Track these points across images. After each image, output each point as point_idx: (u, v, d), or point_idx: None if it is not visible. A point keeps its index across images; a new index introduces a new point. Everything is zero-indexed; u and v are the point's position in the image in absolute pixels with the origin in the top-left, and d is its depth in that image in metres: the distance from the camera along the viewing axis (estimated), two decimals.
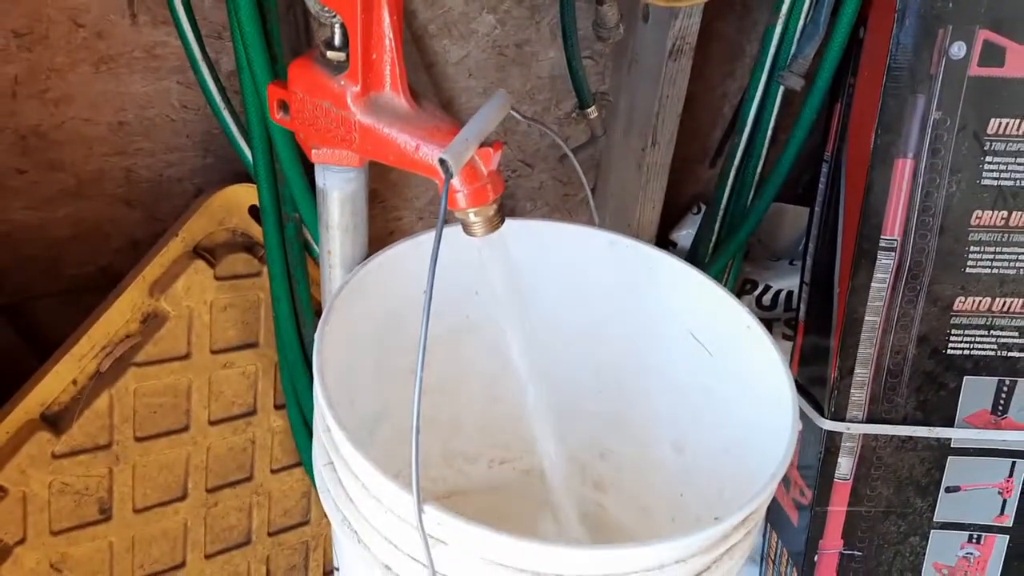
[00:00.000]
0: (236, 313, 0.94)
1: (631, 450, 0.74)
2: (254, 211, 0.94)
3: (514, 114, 0.55)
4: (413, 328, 0.68)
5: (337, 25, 0.52)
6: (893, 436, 1.00)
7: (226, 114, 0.88)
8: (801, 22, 0.92)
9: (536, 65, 1.10)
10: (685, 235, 1.26)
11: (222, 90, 0.88)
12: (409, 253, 0.64)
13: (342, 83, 0.52)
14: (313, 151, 0.56)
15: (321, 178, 0.58)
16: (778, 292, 1.17)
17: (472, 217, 0.54)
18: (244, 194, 0.94)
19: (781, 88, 0.95)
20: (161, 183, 1.00)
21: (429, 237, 0.64)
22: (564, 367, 0.66)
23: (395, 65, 0.52)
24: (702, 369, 0.66)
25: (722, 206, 1.03)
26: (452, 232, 0.64)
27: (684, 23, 0.99)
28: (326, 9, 0.51)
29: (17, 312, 1.03)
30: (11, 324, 1.03)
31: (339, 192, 0.57)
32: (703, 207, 1.27)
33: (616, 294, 0.69)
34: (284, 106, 0.56)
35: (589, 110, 0.97)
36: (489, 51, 1.06)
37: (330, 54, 0.53)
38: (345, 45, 0.53)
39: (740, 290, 1.17)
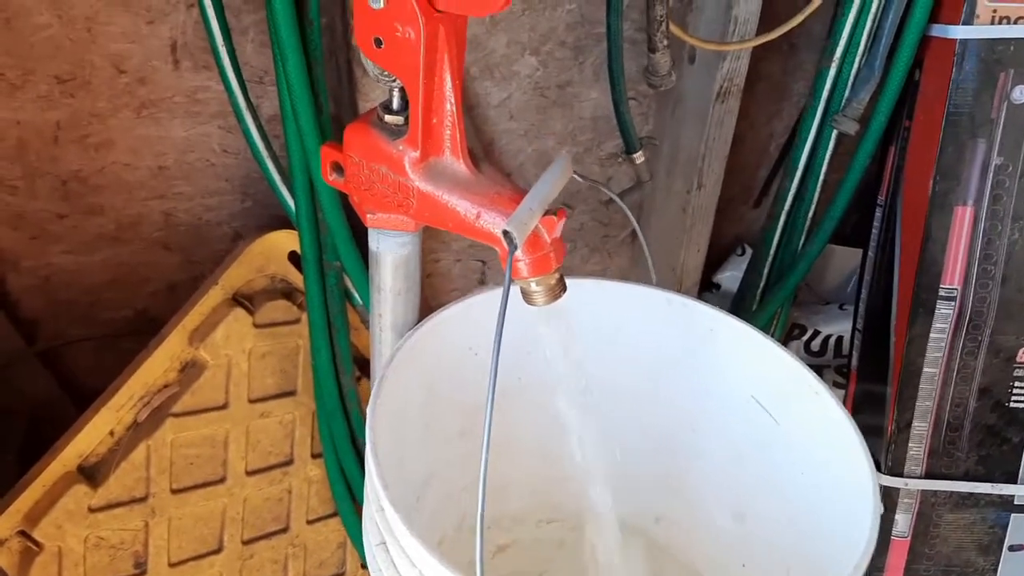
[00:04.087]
0: (274, 361, 0.93)
1: (687, 515, 0.71)
2: (293, 257, 0.93)
3: (576, 177, 0.53)
4: (463, 391, 0.66)
5: (396, 89, 0.50)
6: (953, 492, 0.96)
7: (268, 161, 0.86)
8: (855, 65, 0.89)
9: (578, 106, 1.08)
10: (728, 277, 1.23)
11: (264, 136, 0.87)
12: (460, 316, 0.62)
13: (400, 148, 0.50)
14: (368, 215, 0.54)
15: (375, 242, 0.56)
16: (827, 337, 1.14)
17: (533, 286, 0.52)
18: (284, 240, 0.92)
19: (834, 132, 0.93)
20: (199, 227, 1.00)
21: (480, 300, 0.62)
22: (616, 428, 0.63)
23: (455, 130, 0.50)
24: (764, 435, 0.63)
25: (771, 251, 1.00)
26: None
27: (732, 65, 0.96)
28: (385, 73, 0.49)
29: (54, 357, 1.02)
30: (48, 369, 1.02)
31: (393, 256, 0.55)
32: (747, 248, 1.24)
33: (672, 354, 0.67)
34: (338, 168, 0.54)
35: (636, 155, 0.95)
36: (531, 93, 1.05)
37: (388, 118, 0.51)
38: (403, 108, 0.51)
39: (788, 335, 1.14)
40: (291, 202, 0.87)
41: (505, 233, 0.46)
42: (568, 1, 0.98)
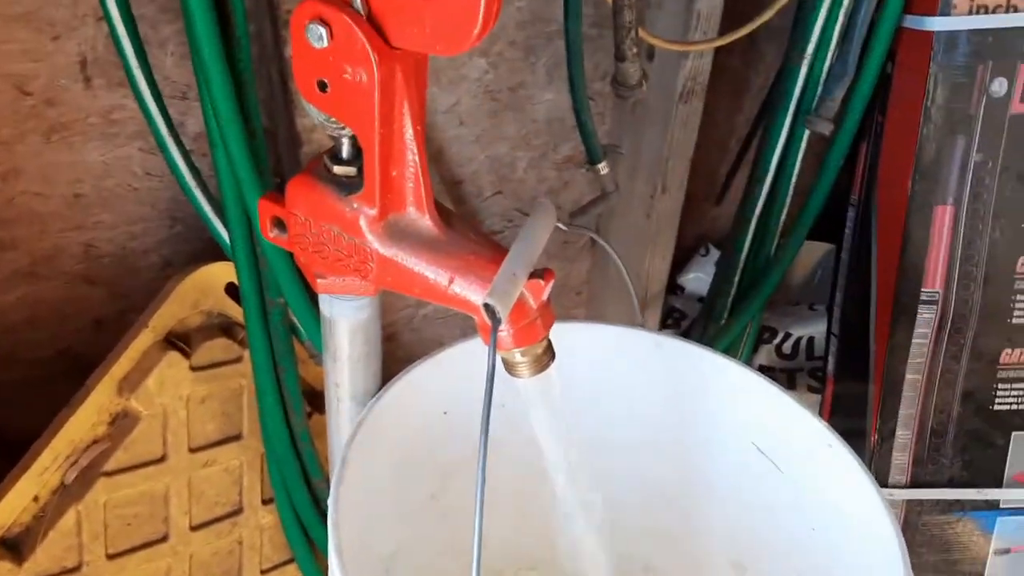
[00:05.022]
0: (216, 405, 0.85)
1: (680, 566, 0.66)
2: (231, 288, 0.85)
3: (560, 227, 0.47)
4: (433, 453, 0.60)
5: (345, 136, 0.43)
6: (939, 500, 0.92)
7: (196, 189, 0.78)
8: (827, 62, 0.84)
9: (531, 109, 1.01)
10: (693, 278, 1.18)
11: (188, 160, 0.78)
12: (429, 374, 0.55)
13: (355, 205, 0.43)
14: (318, 280, 0.46)
15: (327, 306, 0.48)
16: (799, 340, 1.09)
17: (518, 357, 0.46)
18: (219, 273, 0.84)
19: (806, 133, 0.87)
20: (124, 257, 0.91)
21: (449, 356, 0.55)
22: (604, 478, 0.58)
23: (419, 182, 0.42)
24: (767, 486, 0.58)
25: (742, 258, 0.95)
26: (479, 342, 0.56)
27: (695, 63, 0.91)
28: (332, 120, 0.41)
29: None
30: None
31: (349, 321, 0.48)
32: (711, 248, 1.19)
33: (663, 400, 0.61)
34: (280, 223, 0.46)
35: (600, 165, 0.89)
36: (481, 97, 0.98)
37: (337, 169, 0.43)
38: (356, 158, 0.43)
39: (758, 339, 1.09)
40: (224, 233, 0.78)
41: (486, 307, 0.40)
42: None
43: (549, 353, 0.47)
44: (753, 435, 0.58)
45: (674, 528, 0.65)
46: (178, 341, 0.83)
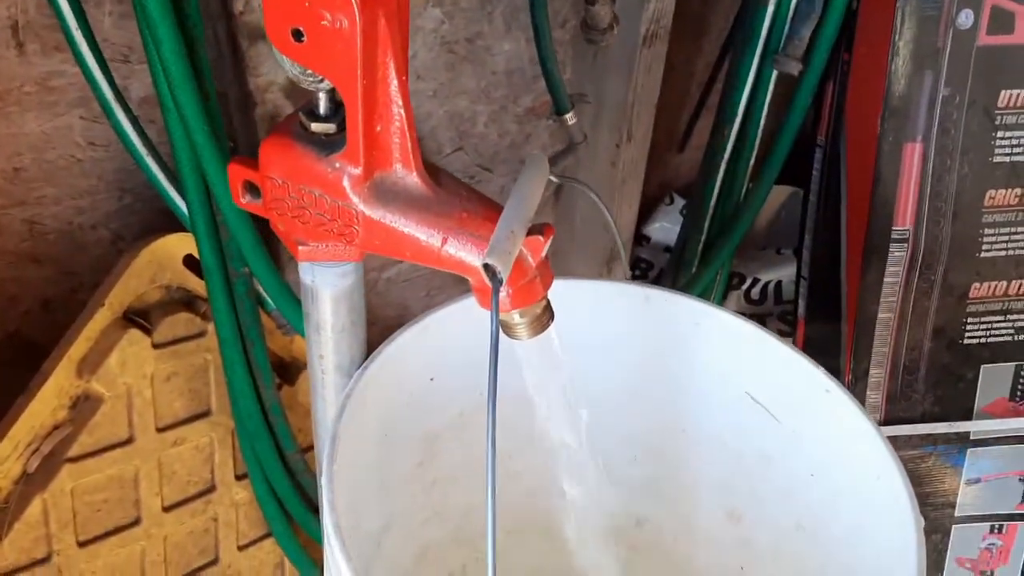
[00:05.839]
0: (181, 382, 0.82)
1: (674, 517, 0.65)
2: (189, 260, 0.81)
3: (552, 180, 0.44)
4: (419, 420, 0.58)
5: (323, 91, 0.40)
6: (912, 435, 0.94)
7: (147, 156, 0.74)
8: (794, 0, 0.82)
9: (490, 60, 0.98)
10: (659, 228, 1.17)
11: (137, 125, 0.74)
12: (414, 342, 0.53)
13: (336, 165, 0.40)
14: (300, 247, 0.43)
15: (308, 274, 0.45)
16: (767, 284, 1.09)
17: (517, 318, 0.43)
18: (176, 244, 0.81)
19: (774, 74, 0.86)
20: (72, 233, 0.87)
21: (435, 321, 0.53)
22: (596, 436, 0.56)
23: (405, 137, 0.40)
24: (763, 434, 0.57)
25: (711, 204, 0.94)
26: (465, 305, 0.54)
27: (658, 5, 0.89)
28: (309, 73, 0.38)
29: None
30: None
31: (332, 290, 0.45)
32: (675, 197, 1.18)
33: (654, 354, 0.60)
34: (252, 188, 0.43)
35: (568, 115, 0.86)
36: (438, 49, 0.94)
37: (315, 126, 0.40)
38: (334, 113, 0.40)
39: (727, 286, 1.09)
40: (180, 202, 0.75)
41: (486, 268, 0.38)
42: None
43: (548, 312, 0.45)
44: (747, 384, 0.57)
45: (667, 481, 0.64)
46: (137, 318, 0.80)
